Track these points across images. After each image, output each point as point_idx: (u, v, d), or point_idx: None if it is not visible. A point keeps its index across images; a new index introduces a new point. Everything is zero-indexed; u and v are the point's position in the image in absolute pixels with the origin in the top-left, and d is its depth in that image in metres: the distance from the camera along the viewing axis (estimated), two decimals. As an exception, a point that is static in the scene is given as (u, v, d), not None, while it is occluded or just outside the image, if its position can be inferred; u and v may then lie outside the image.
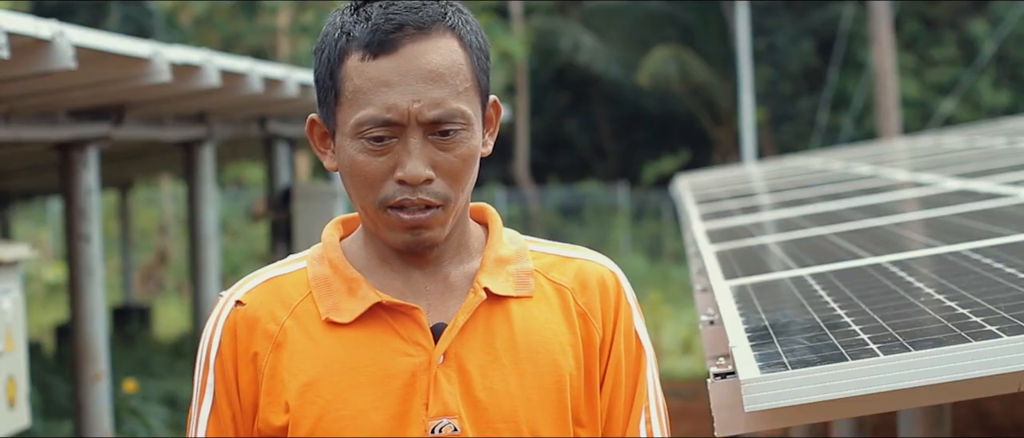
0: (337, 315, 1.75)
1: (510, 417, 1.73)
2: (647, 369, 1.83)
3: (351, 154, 1.71)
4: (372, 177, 1.70)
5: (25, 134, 5.62)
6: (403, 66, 1.69)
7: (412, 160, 1.69)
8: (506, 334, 1.76)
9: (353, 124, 1.70)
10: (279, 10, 21.61)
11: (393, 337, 1.74)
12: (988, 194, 4.58)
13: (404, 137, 1.69)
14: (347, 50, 1.71)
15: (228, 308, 1.78)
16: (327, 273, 1.78)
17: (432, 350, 1.73)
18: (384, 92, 1.68)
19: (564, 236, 23.87)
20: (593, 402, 1.79)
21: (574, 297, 1.80)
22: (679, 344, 14.03)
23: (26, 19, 4.20)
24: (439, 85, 1.69)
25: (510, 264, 1.80)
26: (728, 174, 11.46)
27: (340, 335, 1.74)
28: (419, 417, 1.72)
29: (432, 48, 1.70)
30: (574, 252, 1.85)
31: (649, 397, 1.83)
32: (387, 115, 1.68)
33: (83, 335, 5.95)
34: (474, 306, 1.75)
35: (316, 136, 1.79)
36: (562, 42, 26.52)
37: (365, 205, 1.73)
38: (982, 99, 25.80)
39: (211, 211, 7.75)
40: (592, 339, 1.80)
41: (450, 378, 1.73)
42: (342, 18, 1.73)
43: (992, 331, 2.01)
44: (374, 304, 1.74)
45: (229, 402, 1.76)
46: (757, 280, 3.31)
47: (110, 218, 20.39)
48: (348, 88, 1.70)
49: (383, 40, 1.69)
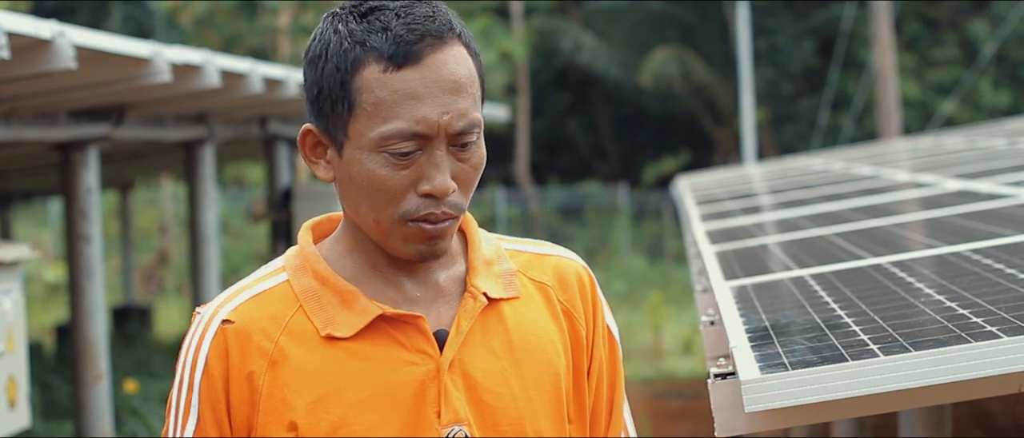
0: (335, 330, 1.70)
1: (516, 420, 1.73)
2: (620, 364, 1.88)
3: (371, 168, 1.65)
4: (395, 191, 1.66)
5: (25, 134, 5.62)
6: (428, 77, 1.64)
7: (441, 174, 1.65)
8: (503, 336, 1.75)
9: (375, 138, 1.64)
10: (279, 11, 21.60)
11: (395, 347, 1.71)
12: (989, 195, 4.58)
13: (429, 149, 1.65)
14: (363, 60, 1.64)
15: (214, 327, 1.71)
16: (315, 286, 1.73)
17: (438, 358, 1.71)
18: (412, 104, 1.63)
19: (565, 236, 23.88)
20: (581, 399, 1.81)
21: (556, 295, 1.81)
22: (680, 344, 14.03)
23: (26, 19, 4.19)
24: (462, 95, 1.66)
25: (494, 265, 1.79)
26: (729, 175, 11.46)
27: (341, 349, 1.70)
28: (431, 426, 1.70)
29: (450, 58, 1.66)
30: (545, 249, 1.85)
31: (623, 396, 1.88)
32: (417, 128, 1.63)
33: (83, 335, 5.95)
34: (476, 312, 1.74)
35: (308, 146, 1.73)
36: (563, 42, 26.51)
37: (381, 218, 1.68)
38: (983, 100, 25.80)
39: (211, 211, 7.74)
40: (578, 336, 1.81)
41: (457, 384, 1.72)
42: (347, 26, 1.66)
43: (993, 332, 2.01)
44: (376, 316, 1.71)
45: (217, 424, 1.70)
46: (757, 281, 3.31)
47: (110, 218, 20.41)
48: (367, 100, 1.64)
49: (407, 51, 1.63)
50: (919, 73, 26.62)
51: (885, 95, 21.01)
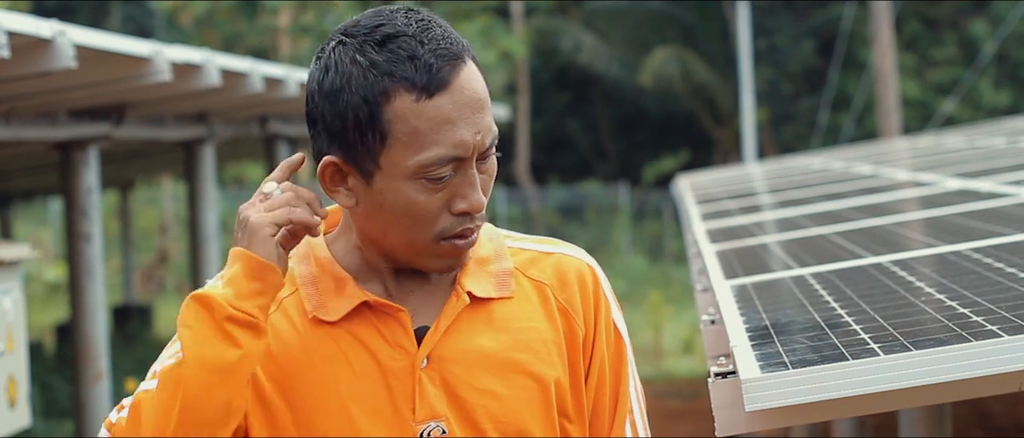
0: (324, 313, 1.74)
1: (498, 418, 1.74)
2: (628, 362, 1.86)
3: (409, 195, 1.68)
4: (432, 214, 1.69)
5: (26, 134, 5.62)
6: (458, 100, 1.66)
7: (475, 192, 1.70)
8: (489, 335, 1.76)
9: (414, 166, 1.66)
10: (280, 10, 21.60)
11: (377, 339, 1.74)
12: (989, 194, 4.58)
13: (463, 170, 1.68)
14: (392, 90, 1.65)
15: None
16: (314, 271, 1.78)
17: (415, 353, 1.73)
18: (449, 130, 1.66)
19: (565, 236, 23.84)
20: (579, 397, 1.81)
21: (554, 294, 1.81)
22: (680, 344, 14.02)
23: (27, 19, 4.20)
24: (486, 112, 1.69)
25: (490, 264, 1.80)
26: (729, 174, 11.46)
27: (326, 331, 1.74)
28: (405, 420, 1.72)
29: (470, 76, 1.68)
30: (551, 247, 1.86)
31: (631, 393, 1.85)
32: (456, 152, 1.66)
33: (84, 335, 5.95)
34: (457, 310, 1.76)
35: (328, 177, 1.72)
36: (563, 42, 26.51)
37: (415, 240, 1.71)
38: (983, 99, 25.80)
39: (212, 211, 7.74)
40: (575, 335, 1.81)
41: (434, 381, 1.73)
42: (368, 57, 1.66)
43: (993, 331, 2.01)
44: (360, 304, 1.74)
45: None
46: (758, 280, 3.31)
47: (111, 218, 20.41)
48: (402, 130, 1.65)
49: (438, 79, 1.65)
50: (919, 73, 26.63)
51: (885, 95, 21.01)
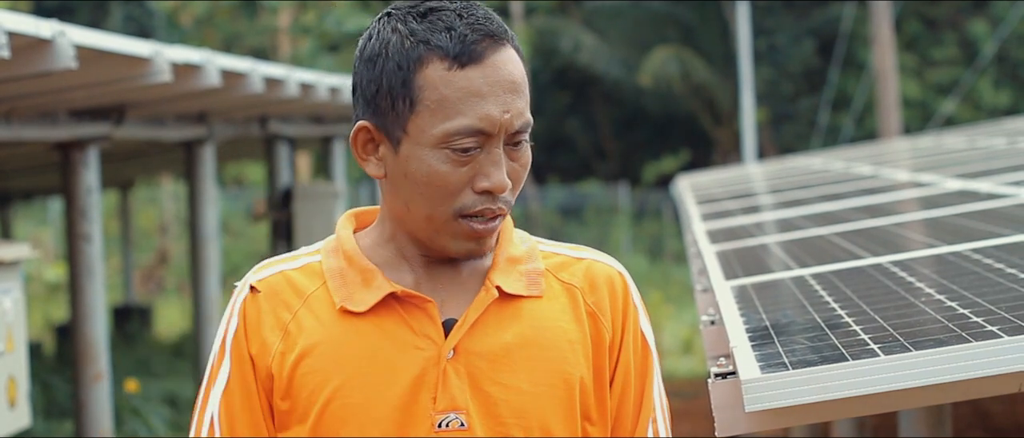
0: (351, 304, 1.76)
1: (520, 413, 1.75)
2: (653, 370, 1.87)
3: (432, 164, 1.70)
4: (453, 187, 1.71)
5: (26, 134, 5.62)
6: (491, 76, 1.69)
7: (499, 171, 1.71)
8: (516, 331, 1.78)
9: (439, 134, 1.69)
10: (279, 10, 21.61)
11: (404, 329, 1.75)
12: (989, 194, 4.58)
13: (489, 147, 1.70)
14: (426, 58, 1.69)
15: (243, 294, 1.81)
16: (342, 265, 1.80)
17: (442, 344, 1.75)
18: (476, 102, 1.69)
19: (565, 236, 23.88)
20: (603, 400, 1.82)
21: (583, 296, 1.83)
22: (680, 344, 14.03)
23: (27, 19, 4.20)
24: (520, 96, 1.72)
25: (521, 264, 1.82)
26: (729, 174, 11.46)
27: (352, 323, 1.76)
28: (426, 411, 1.73)
29: (508, 59, 1.72)
30: (583, 253, 1.88)
31: (655, 400, 1.86)
32: (481, 125, 1.69)
33: (84, 335, 5.95)
34: (486, 303, 1.77)
35: (359, 143, 1.76)
36: (563, 42, 26.51)
37: (435, 214, 1.73)
38: (983, 99, 25.80)
39: (212, 211, 7.74)
40: (601, 338, 1.82)
41: (459, 373, 1.75)
42: (408, 25, 1.71)
43: (993, 331, 2.01)
44: (387, 295, 1.76)
45: (243, 382, 1.78)
46: (758, 280, 3.31)
47: (111, 218, 20.40)
48: (431, 97, 1.69)
49: (472, 50, 1.69)
50: (919, 73, 26.63)
51: (885, 95, 21.01)
